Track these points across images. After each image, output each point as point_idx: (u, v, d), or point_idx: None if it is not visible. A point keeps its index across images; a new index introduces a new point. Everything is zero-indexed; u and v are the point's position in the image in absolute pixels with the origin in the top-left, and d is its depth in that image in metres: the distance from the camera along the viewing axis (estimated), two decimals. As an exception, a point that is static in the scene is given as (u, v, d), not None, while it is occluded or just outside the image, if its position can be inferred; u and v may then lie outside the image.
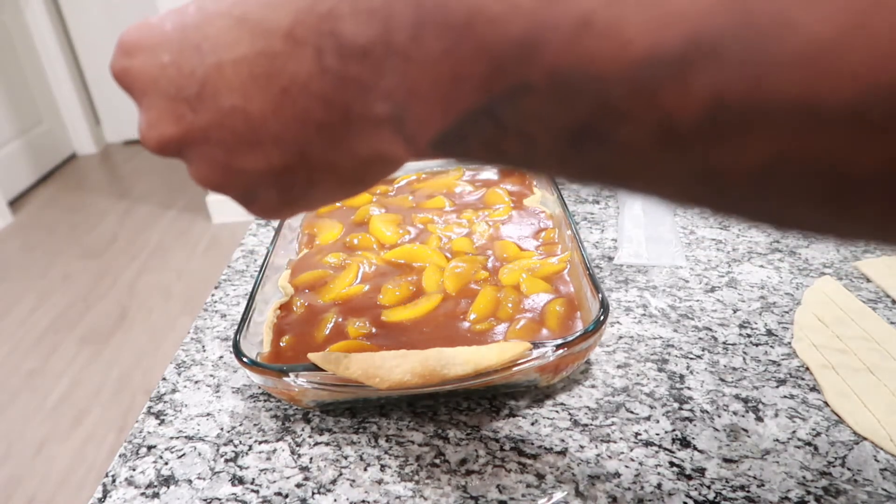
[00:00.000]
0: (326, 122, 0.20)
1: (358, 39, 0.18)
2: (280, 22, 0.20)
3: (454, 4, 0.15)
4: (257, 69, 0.20)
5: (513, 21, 0.14)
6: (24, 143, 3.08)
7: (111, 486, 0.40)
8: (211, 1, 0.22)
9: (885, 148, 0.11)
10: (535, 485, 0.37)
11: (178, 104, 0.22)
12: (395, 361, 0.38)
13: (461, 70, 0.16)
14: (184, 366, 0.50)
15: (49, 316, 2.10)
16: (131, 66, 0.23)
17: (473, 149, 0.18)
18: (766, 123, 0.12)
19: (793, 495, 0.35)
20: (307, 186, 0.24)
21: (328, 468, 0.40)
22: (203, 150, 0.23)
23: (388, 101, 0.18)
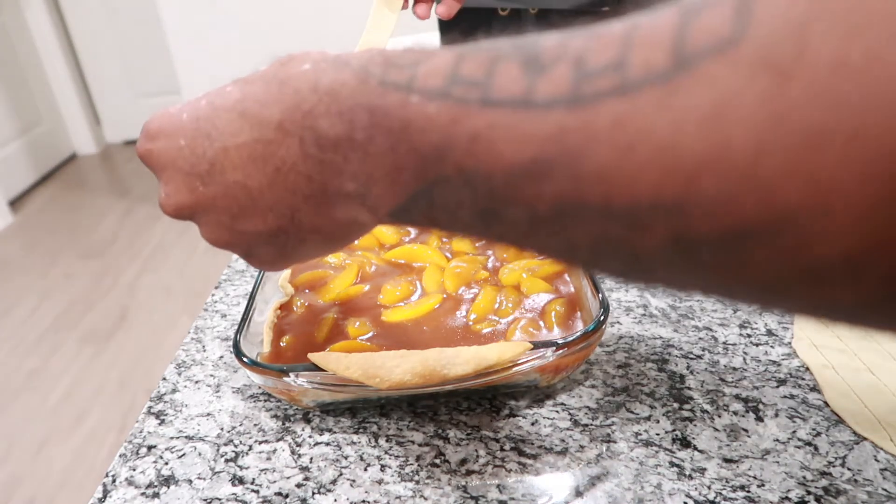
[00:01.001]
0: (311, 194, 0.25)
1: (330, 134, 0.23)
2: (272, 116, 0.25)
3: (394, 115, 0.21)
4: (255, 152, 0.26)
5: (432, 132, 0.20)
6: (25, 143, 3.08)
7: (111, 486, 0.40)
8: (218, 98, 0.27)
9: (655, 235, 0.16)
10: (535, 485, 0.37)
11: (191, 178, 0.28)
12: (395, 361, 0.38)
13: (401, 163, 0.21)
14: (184, 366, 0.50)
15: (49, 316, 2.10)
16: (154, 148, 0.29)
17: (418, 219, 0.23)
18: (587, 216, 0.17)
19: (793, 495, 0.35)
20: (297, 244, 0.29)
21: (328, 468, 0.40)
22: (211, 215, 0.28)
23: (355, 182, 0.24)
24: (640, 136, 0.15)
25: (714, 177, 0.14)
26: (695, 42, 0.14)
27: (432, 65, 0.21)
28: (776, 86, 0.13)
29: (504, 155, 0.18)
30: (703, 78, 0.14)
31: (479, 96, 0.19)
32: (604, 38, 0.17)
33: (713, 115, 0.14)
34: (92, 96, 3.48)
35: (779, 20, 0.13)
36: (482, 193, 0.19)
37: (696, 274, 0.17)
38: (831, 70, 0.12)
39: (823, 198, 0.13)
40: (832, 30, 0.12)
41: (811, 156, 0.13)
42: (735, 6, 0.14)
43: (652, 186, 0.15)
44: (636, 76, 0.15)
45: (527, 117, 0.17)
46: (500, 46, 0.19)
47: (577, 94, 0.16)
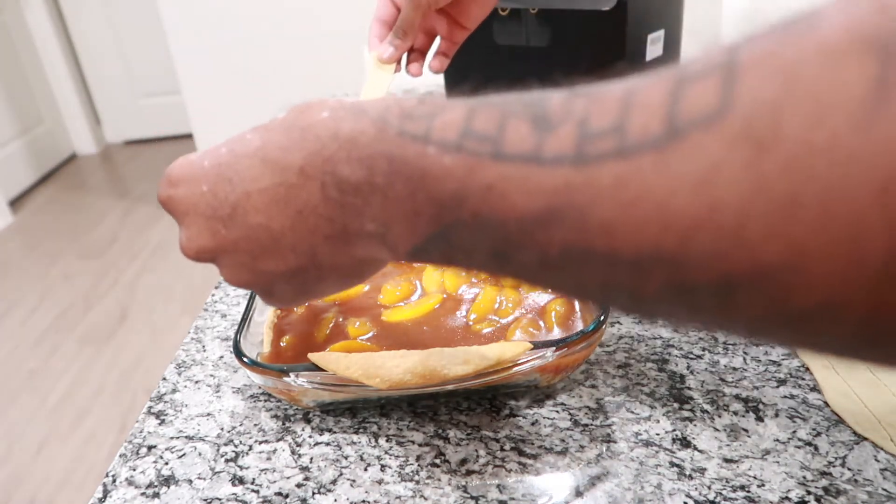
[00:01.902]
0: (332, 234, 0.27)
1: (351, 179, 0.25)
2: (294, 162, 0.26)
3: (413, 164, 0.22)
4: (278, 196, 0.27)
5: (449, 181, 0.21)
6: (25, 143, 3.08)
7: (111, 486, 0.40)
8: (239, 145, 0.29)
9: (655, 281, 0.18)
10: (535, 485, 0.37)
11: (213, 222, 0.29)
12: (395, 361, 0.38)
13: (419, 208, 0.23)
14: (184, 366, 0.50)
15: (49, 316, 2.10)
16: (176, 194, 0.30)
17: (435, 258, 0.25)
18: (593, 262, 0.19)
19: (793, 495, 0.35)
20: (317, 282, 0.30)
21: (328, 468, 0.40)
22: (233, 257, 0.29)
23: (375, 223, 0.25)
24: (639, 194, 0.17)
25: (705, 235, 0.16)
26: (686, 112, 0.16)
27: (446, 118, 0.22)
28: (756, 158, 0.15)
29: (516, 204, 0.20)
30: (693, 147, 0.16)
31: (491, 150, 0.20)
32: (604, 100, 0.18)
33: (703, 181, 0.16)
34: (92, 96, 3.47)
35: (756, 100, 0.15)
36: (496, 238, 0.21)
37: (692, 314, 0.19)
38: (802, 149, 0.14)
39: (800, 257, 0.14)
40: (801, 114, 0.14)
41: (788, 221, 0.14)
42: (721, 82, 0.16)
43: (652, 240, 0.17)
44: (634, 140, 0.17)
45: (536, 172, 0.19)
46: (508, 102, 0.21)
47: (581, 153, 0.18)
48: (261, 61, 2.18)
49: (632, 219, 0.17)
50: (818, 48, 0.14)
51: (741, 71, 0.15)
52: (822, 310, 0.15)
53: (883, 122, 0.13)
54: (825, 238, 0.14)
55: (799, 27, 0.15)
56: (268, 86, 2.21)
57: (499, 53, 0.73)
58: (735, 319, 0.17)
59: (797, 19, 0.16)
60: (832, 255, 0.14)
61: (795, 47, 0.15)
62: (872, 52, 0.13)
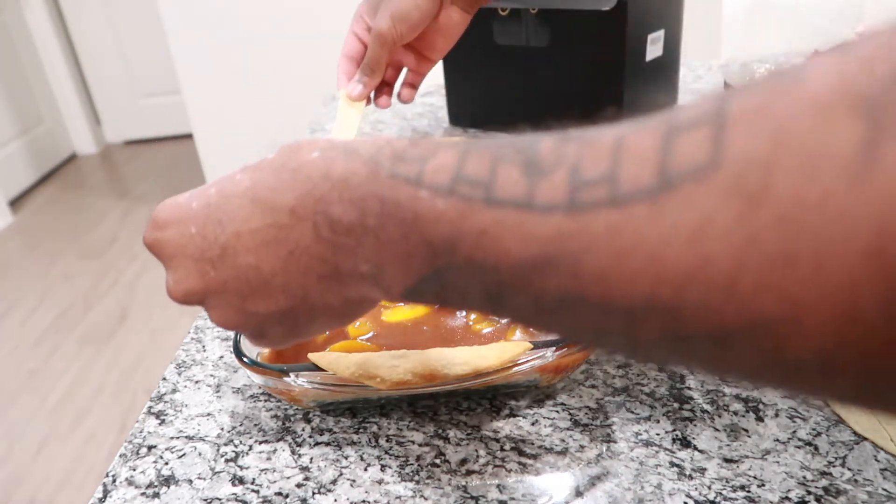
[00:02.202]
0: (324, 275, 0.26)
1: (343, 219, 0.24)
2: (285, 202, 0.26)
3: (405, 207, 0.22)
4: (268, 236, 0.27)
5: (441, 225, 0.21)
6: (25, 143, 3.08)
7: (111, 486, 0.40)
8: (229, 185, 0.28)
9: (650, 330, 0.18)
10: (535, 485, 0.37)
11: (202, 264, 0.28)
12: (395, 361, 0.38)
13: (412, 250, 0.23)
14: (184, 366, 0.50)
15: (49, 316, 2.10)
16: (163, 237, 0.30)
17: (429, 299, 0.25)
18: (588, 309, 0.19)
19: (793, 495, 0.35)
20: (308, 322, 0.29)
21: (328, 468, 0.40)
22: (222, 298, 0.29)
23: (368, 263, 0.25)
24: (633, 244, 0.17)
25: (699, 286, 0.16)
26: (677, 164, 0.16)
27: (438, 162, 0.22)
28: (748, 213, 0.15)
29: (510, 250, 0.19)
30: (685, 199, 0.16)
31: (483, 195, 0.20)
32: (596, 147, 0.18)
33: (696, 233, 0.16)
34: (92, 96, 3.47)
35: (747, 154, 0.15)
36: (490, 282, 0.21)
37: (689, 361, 0.19)
38: (793, 204, 0.14)
39: (794, 310, 0.14)
40: (792, 170, 0.14)
41: (781, 275, 0.14)
42: (711, 134, 0.16)
43: (646, 289, 0.17)
44: (627, 190, 0.17)
45: (529, 218, 0.19)
46: (499, 146, 0.21)
47: (574, 200, 0.18)
48: (261, 61, 2.18)
49: (626, 268, 0.17)
50: (808, 105, 0.14)
51: (731, 123, 0.16)
52: (818, 362, 0.15)
53: (872, 181, 0.13)
54: (818, 292, 0.14)
55: (788, 80, 0.15)
56: (268, 86, 2.21)
57: (499, 53, 0.73)
58: (731, 369, 0.18)
59: (787, 71, 0.16)
60: (826, 310, 0.14)
61: (785, 102, 0.15)
62: (860, 111, 0.14)
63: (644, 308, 0.17)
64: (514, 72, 0.83)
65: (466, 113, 0.90)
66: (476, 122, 0.90)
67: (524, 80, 0.83)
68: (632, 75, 0.77)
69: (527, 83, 0.83)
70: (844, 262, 0.13)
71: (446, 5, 0.62)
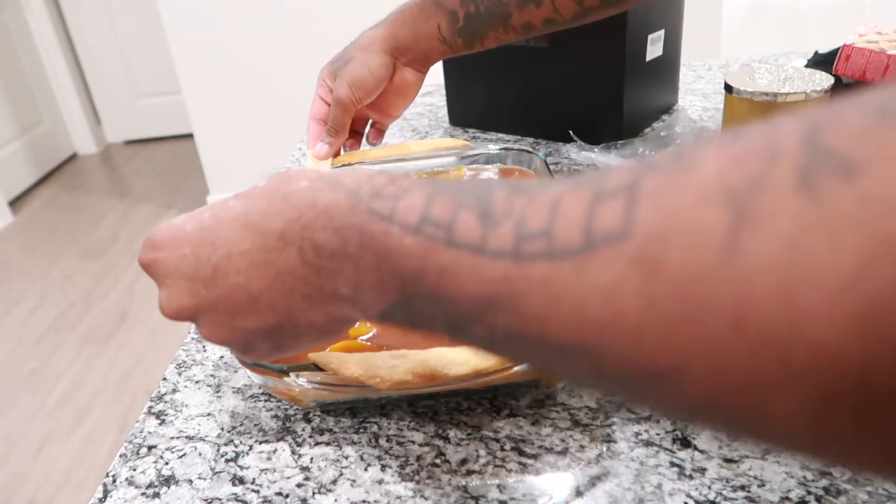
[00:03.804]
0: (308, 294, 0.28)
1: (327, 246, 0.27)
2: (274, 227, 0.28)
3: (379, 240, 0.25)
4: (257, 259, 0.29)
5: (410, 259, 0.24)
6: (25, 143, 3.08)
7: (112, 486, 0.40)
8: (222, 210, 0.30)
9: (581, 367, 0.20)
10: (535, 485, 0.37)
11: (194, 283, 0.30)
12: (396, 361, 0.38)
13: (385, 279, 0.25)
14: (184, 366, 0.50)
15: (49, 316, 2.10)
16: (159, 257, 0.31)
17: (402, 322, 0.27)
18: (532, 344, 0.21)
19: (793, 495, 0.35)
20: (293, 339, 0.31)
21: (329, 468, 0.40)
22: (212, 315, 0.31)
23: (348, 286, 0.27)
24: (562, 294, 0.19)
25: (613, 337, 0.18)
26: (598, 229, 0.19)
27: (409, 201, 0.25)
28: (649, 280, 0.17)
29: (466, 288, 0.22)
30: (602, 261, 0.18)
31: (444, 237, 0.23)
32: (539, 204, 0.21)
33: (609, 292, 0.18)
34: (92, 96, 3.47)
35: (649, 229, 0.18)
36: (452, 313, 0.23)
37: (618, 395, 0.22)
38: (681, 276, 0.17)
39: (683, 363, 0.17)
40: (680, 248, 0.17)
41: (674, 333, 0.17)
42: (624, 206, 0.18)
43: (574, 333, 0.19)
44: (559, 246, 0.20)
45: (482, 261, 0.21)
46: (462, 192, 0.24)
47: (517, 250, 0.21)
48: (261, 61, 2.18)
49: (557, 313, 0.20)
50: (693, 191, 0.17)
51: (640, 197, 0.18)
52: (709, 408, 0.18)
53: (734, 264, 0.16)
54: (700, 350, 0.17)
55: (684, 165, 0.18)
56: (268, 86, 2.21)
57: (499, 53, 0.73)
58: (650, 407, 0.22)
59: (686, 156, 0.18)
60: (706, 365, 0.17)
61: (678, 186, 0.18)
62: (728, 203, 0.16)
63: (573, 348, 0.20)
64: (514, 72, 0.83)
65: (466, 113, 0.90)
66: (476, 121, 0.90)
67: (524, 80, 0.83)
68: (632, 75, 0.77)
69: (527, 83, 0.83)
70: (717, 326, 0.16)
71: (399, 68, 0.66)
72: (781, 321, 0.15)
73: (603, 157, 0.71)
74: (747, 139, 0.17)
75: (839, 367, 0.14)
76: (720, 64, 1.09)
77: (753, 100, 0.67)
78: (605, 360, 0.19)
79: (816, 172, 0.15)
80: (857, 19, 1.42)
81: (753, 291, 0.15)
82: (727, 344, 0.16)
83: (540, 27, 0.60)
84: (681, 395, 0.18)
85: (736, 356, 0.16)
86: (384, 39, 0.64)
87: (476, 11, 0.61)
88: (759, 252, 0.15)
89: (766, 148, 0.17)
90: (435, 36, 0.63)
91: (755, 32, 1.57)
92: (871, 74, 0.79)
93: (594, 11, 0.59)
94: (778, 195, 0.15)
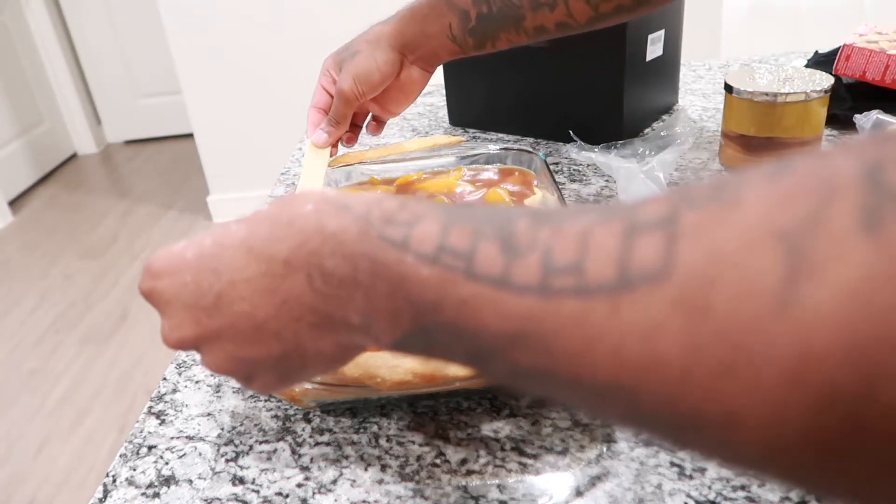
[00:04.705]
0: (316, 323, 0.27)
1: (336, 273, 0.26)
2: (279, 252, 0.27)
3: (393, 269, 0.24)
4: (262, 286, 0.27)
5: (426, 291, 0.23)
6: (25, 143, 3.08)
7: (112, 485, 0.40)
8: (224, 236, 0.29)
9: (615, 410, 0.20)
10: (535, 485, 0.37)
11: (196, 312, 0.29)
12: (396, 362, 0.38)
13: (399, 308, 0.24)
14: (184, 366, 0.50)
15: (50, 316, 2.10)
16: (159, 286, 0.30)
17: (417, 351, 0.26)
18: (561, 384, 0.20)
19: (793, 495, 0.35)
20: (300, 368, 0.30)
21: (329, 468, 0.40)
22: (216, 344, 0.30)
23: (359, 315, 0.26)
24: (597, 334, 0.18)
25: (655, 381, 0.17)
26: (635, 266, 0.18)
27: (424, 228, 0.23)
28: (692, 325, 0.16)
29: (488, 323, 0.21)
30: (641, 302, 0.17)
31: (464, 268, 0.22)
32: (566, 235, 0.20)
33: (650, 334, 0.17)
34: (92, 96, 3.47)
35: (692, 270, 0.17)
36: (472, 346, 0.22)
37: (654, 437, 0.21)
38: (729, 324, 0.16)
39: (732, 416, 0.16)
40: (727, 293, 0.16)
41: (721, 384, 0.16)
42: (664, 242, 0.17)
43: (610, 374, 0.18)
44: (591, 282, 0.18)
45: (506, 296, 0.20)
46: (480, 220, 0.23)
47: (545, 284, 0.19)
48: (261, 61, 2.18)
49: (592, 354, 0.18)
50: (740, 231, 0.16)
51: (680, 234, 0.17)
52: (759, 459, 0.17)
53: (791, 316, 0.14)
54: (754, 402, 0.15)
55: (728, 201, 0.17)
56: (268, 86, 2.21)
57: (499, 53, 0.73)
58: (687, 450, 0.20)
59: (728, 188, 0.17)
60: (760, 418, 0.16)
61: (723, 225, 0.16)
62: (782, 247, 0.15)
63: (609, 390, 0.19)
64: (514, 72, 0.83)
65: (466, 113, 0.90)
66: (476, 121, 0.90)
67: (524, 80, 0.83)
68: (632, 75, 0.77)
69: (527, 83, 0.83)
70: (774, 378, 0.15)
71: (406, 65, 0.65)
72: (851, 380, 0.14)
73: (603, 157, 0.71)
74: (796, 173, 0.16)
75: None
76: (720, 64, 1.09)
77: (753, 100, 0.67)
78: (644, 403, 0.18)
79: (882, 214, 0.14)
80: (857, 19, 1.43)
81: (816, 345, 0.14)
82: (785, 398, 0.15)
83: (553, 31, 0.60)
84: (728, 446, 0.17)
85: (796, 412, 0.15)
86: (392, 35, 0.63)
87: (489, 12, 0.60)
88: (820, 301, 0.14)
89: (819, 184, 0.15)
90: (445, 34, 0.62)
91: (755, 32, 1.57)
92: (871, 74, 0.79)
93: (608, 17, 0.58)
94: (838, 238, 0.14)
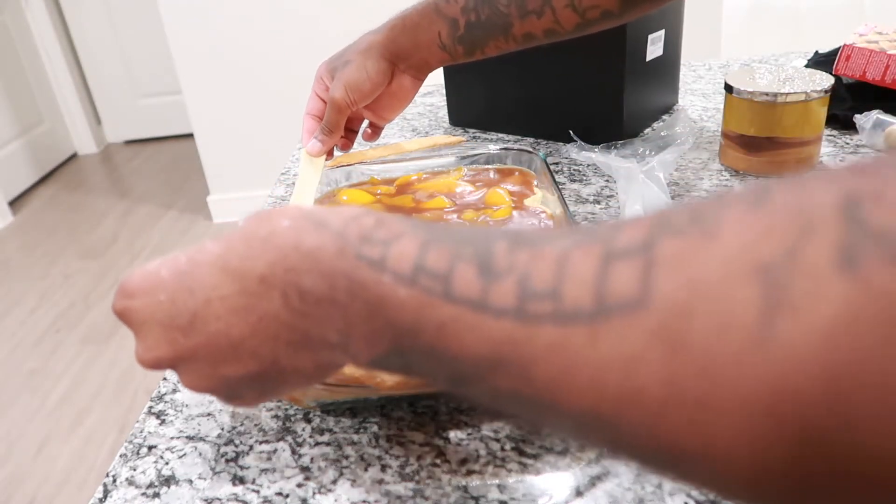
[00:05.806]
0: (293, 341, 0.27)
1: (314, 291, 0.25)
2: (254, 270, 0.27)
3: (370, 289, 0.23)
4: (238, 304, 0.27)
5: (405, 313, 0.22)
6: (25, 143, 3.08)
7: (112, 485, 0.40)
8: (199, 254, 0.29)
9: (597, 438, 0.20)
10: (535, 485, 0.37)
11: (171, 331, 0.29)
12: (396, 361, 0.38)
13: (378, 329, 0.24)
14: (184, 366, 0.50)
15: (50, 316, 2.10)
16: (132, 305, 0.30)
17: (395, 371, 0.27)
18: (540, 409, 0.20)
19: (793, 495, 0.35)
20: (279, 384, 0.30)
21: (329, 468, 0.40)
22: (193, 364, 0.29)
23: (337, 334, 0.25)
24: (575, 364, 0.18)
25: (634, 412, 0.17)
26: (611, 294, 0.17)
27: (401, 248, 0.23)
28: (670, 358, 0.16)
29: (467, 346, 0.21)
30: (618, 331, 0.17)
31: (442, 290, 0.21)
32: (544, 259, 0.20)
33: (629, 366, 0.17)
34: (92, 96, 3.47)
35: (669, 301, 0.16)
36: (451, 369, 0.22)
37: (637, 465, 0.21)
38: (707, 358, 0.15)
39: (708, 448, 0.16)
40: (705, 326, 0.16)
41: (699, 416, 0.16)
42: (641, 270, 0.17)
43: (590, 403, 0.18)
44: (568, 309, 0.18)
45: (483, 319, 0.20)
46: (457, 240, 0.22)
47: (522, 309, 0.19)
48: (261, 61, 2.18)
49: (571, 382, 0.18)
50: (719, 263, 0.16)
51: (657, 265, 0.17)
52: (736, 490, 0.17)
53: (768, 352, 0.14)
54: (730, 436, 0.15)
55: (706, 231, 0.17)
56: (268, 86, 2.21)
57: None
58: (668, 478, 0.19)
59: (706, 217, 0.17)
60: (736, 451, 0.16)
61: (702, 257, 0.16)
62: (759, 280, 0.15)
63: (590, 418, 0.18)
64: (514, 72, 0.83)
65: (466, 113, 0.90)
66: (476, 121, 0.90)
67: (524, 80, 0.83)
68: (632, 75, 0.77)
69: (527, 83, 0.83)
70: (750, 414, 0.15)
71: (398, 74, 0.65)
72: (828, 418, 0.14)
73: (603, 157, 0.71)
74: (775, 202, 0.16)
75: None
76: (720, 64, 1.09)
77: (753, 100, 0.67)
78: (623, 433, 0.18)
79: (860, 253, 0.14)
80: (857, 19, 1.43)
81: (792, 382, 0.14)
82: (763, 434, 0.15)
83: (541, 37, 0.60)
84: (706, 477, 0.17)
85: (774, 448, 0.15)
86: (383, 45, 0.64)
87: (477, 20, 0.61)
88: (796, 338, 0.14)
89: (797, 216, 0.15)
90: (435, 43, 0.63)
91: (755, 32, 1.57)
92: (871, 74, 0.79)
93: (595, 23, 0.59)
94: (815, 275, 0.14)
